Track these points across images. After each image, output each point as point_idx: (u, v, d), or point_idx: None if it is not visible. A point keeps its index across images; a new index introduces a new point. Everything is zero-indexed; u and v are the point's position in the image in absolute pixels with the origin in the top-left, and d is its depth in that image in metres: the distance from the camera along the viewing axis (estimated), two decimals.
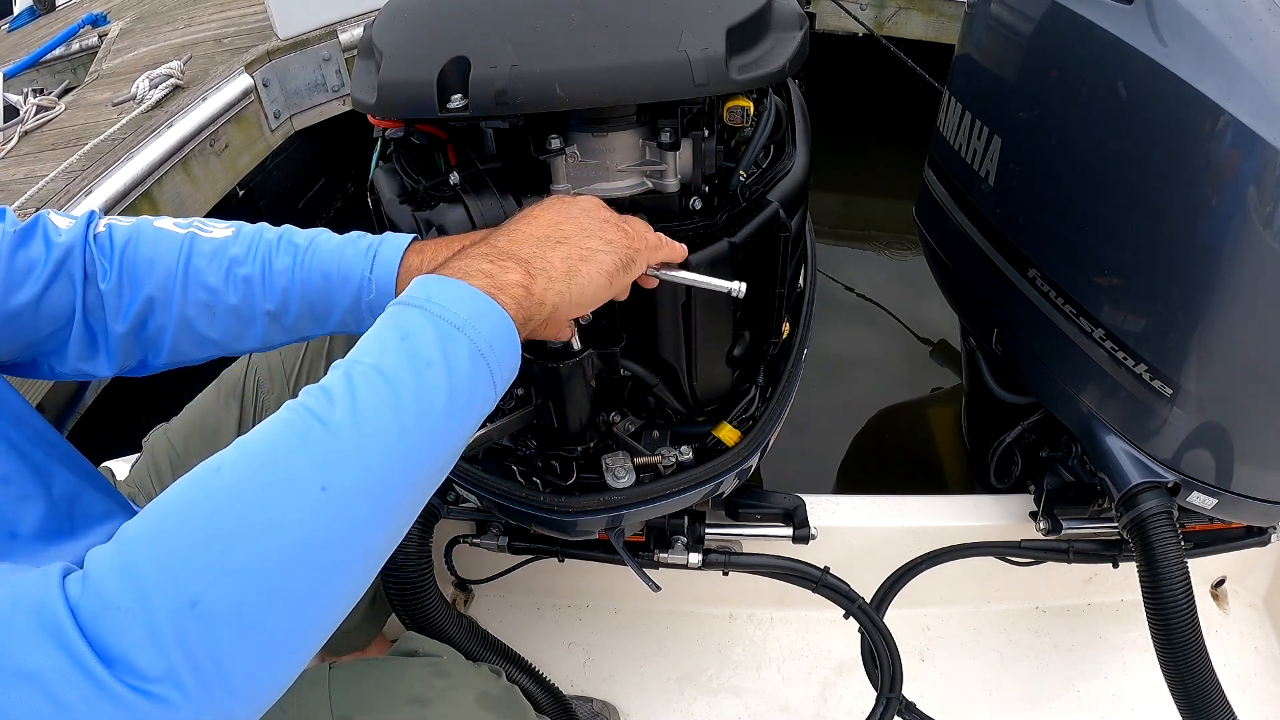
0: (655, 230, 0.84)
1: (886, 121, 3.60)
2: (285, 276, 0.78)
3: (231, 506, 0.48)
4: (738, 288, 0.77)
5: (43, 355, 0.78)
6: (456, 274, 0.60)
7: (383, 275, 0.77)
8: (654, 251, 0.75)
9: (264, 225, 0.82)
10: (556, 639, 1.61)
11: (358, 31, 2.97)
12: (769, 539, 1.33)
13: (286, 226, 0.82)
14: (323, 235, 0.80)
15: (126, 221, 0.80)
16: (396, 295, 0.76)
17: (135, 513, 0.85)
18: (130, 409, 2.78)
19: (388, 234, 0.79)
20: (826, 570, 1.21)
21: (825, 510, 1.41)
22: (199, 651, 0.44)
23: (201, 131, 2.67)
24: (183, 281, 0.78)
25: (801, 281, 1.15)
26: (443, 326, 0.57)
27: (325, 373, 1.19)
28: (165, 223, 0.80)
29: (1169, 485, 1.14)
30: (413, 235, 0.79)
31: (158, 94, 2.78)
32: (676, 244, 0.78)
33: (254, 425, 1.14)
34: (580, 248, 0.67)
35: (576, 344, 0.82)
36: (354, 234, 0.80)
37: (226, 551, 0.46)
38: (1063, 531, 1.33)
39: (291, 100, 3.08)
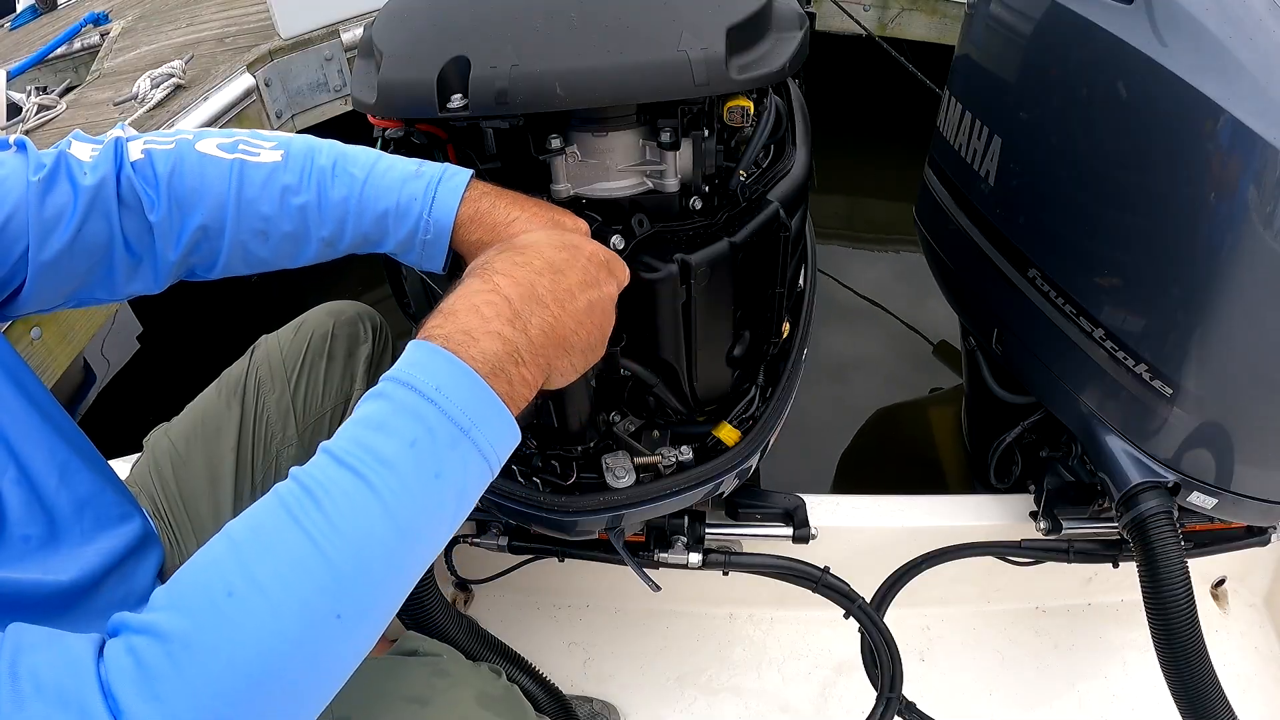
0: (657, 228, 0.85)
1: (887, 122, 3.60)
2: (341, 207, 0.77)
3: (250, 641, 0.49)
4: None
5: (87, 288, 0.78)
6: (483, 368, 0.59)
7: (441, 217, 0.76)
8: None
9: (312, 145, 0.80)
10: (556, 639, 1.61)
11: (360, 31, 2.97)
12: (769, 539, 1.33)
13: (337, 149, 0.80)
14: (379, 165, 0.78)
15: (165, 142, 0.78)
16: (452, 239, 0.76)
17: (147, 517, 0.86)
18: (131, 409, 2.79)
19: (447, 170, 0.77)
20: (826, 570, 1.21)
21: (825, 510, 1.41)
22: None
23: None
24: (236, 211, 0.77)
25: (801, 281, 1.15)
26: (453, 433, 0.56)
27: (325, 375, 1.17)
28: (208, 145, 0.78)
29: (1169, 485, 1.14)
30: (470, 172, 0.77)
31: (159, 93, 2.79)
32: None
33: (254, 426, 1.14)
34: (572, 362, 0.69)
35: None
36: (413, 165, 0.78)
37: (248, 679, 0.49)
38: (1063, 531, 1.33)
39: (293, 100, 3.08)
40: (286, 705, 0.51)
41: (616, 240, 0.83)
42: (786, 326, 1.08)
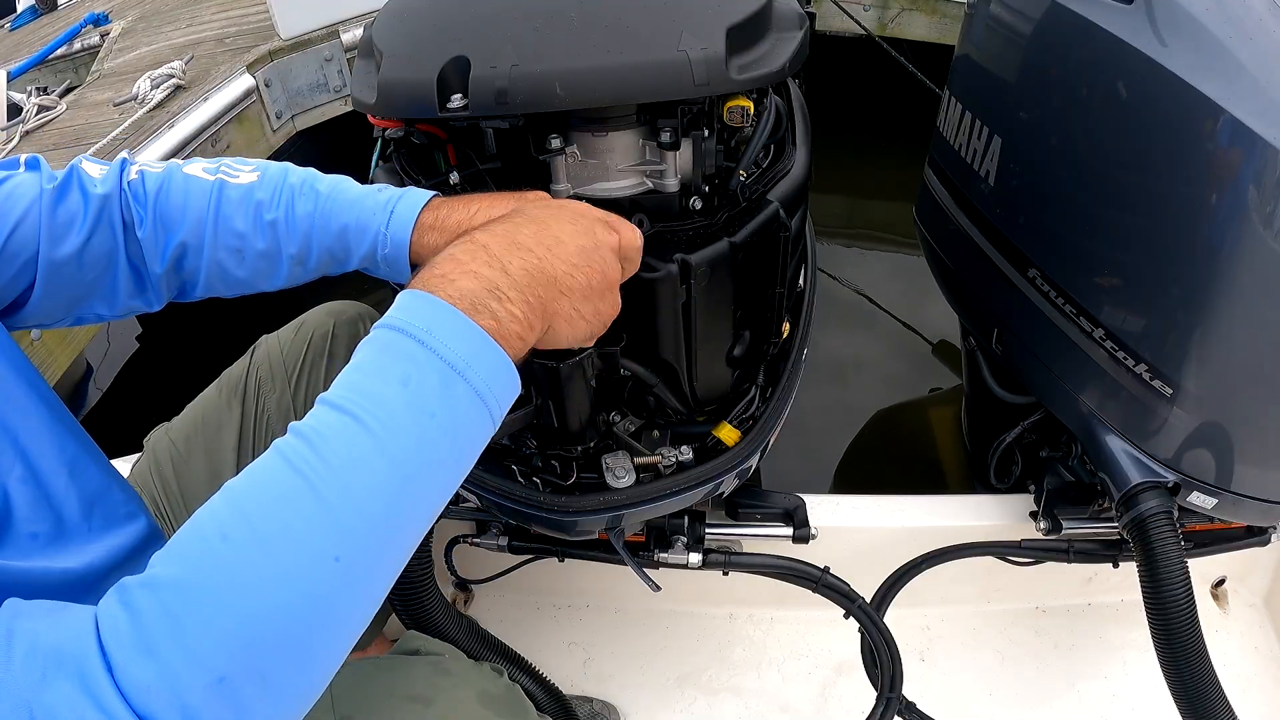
0: (657, 229, 0.85)
1: (887, 122, 3.60)
2: (307, 222, 0.80)
3: (245, 583, 0.48)
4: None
5: (88, 305, 0.81)
6: (462, 304, 0.58)
7: (398, 231, 0.77)
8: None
9: (289, 167, 0.83)
10: (556, 639, 1.61)
11: (359, 31, 2.96)
12: (769, 539, 1.33)
13: (309, 171, 0.83)
14: (344, 183, 0.82)
15: (158, 167, 0.82)
16: (410, 255, 0.77)
17: (150, 516, 0.86)
18: (131, 409, 2.79)
19: (408, 190, 0.80)
20: (826, 570, 1.21)
21: (825, 510, 1.41)
22: (229, 717, 0.47)
23: (203, 132, 2.67)
24: (213, 228, 0.80)
25: (801, 281, 1.15)
26: (444, 371, 0.55)
27: (326, 375, 1.19)
28: (195, 168, 0.82)
29: (1169, 485, 1.14)
30: (433, 193, 0.80)
31: (159, 94, 2.79)
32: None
33: (255, 426, 1.14)
34: (575, 308, 0.67)
35: None
36: (377, 185, 0.82)
37: (245, 626, 0.47)
38: (1063, 531, 1.33)
39: (293, 100, 3.08)
40: (286, 660, 0.49)
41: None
42: (786, 326, 1.08)
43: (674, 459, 0.98)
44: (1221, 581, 1.63)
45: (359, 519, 0.51)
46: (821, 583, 1.21)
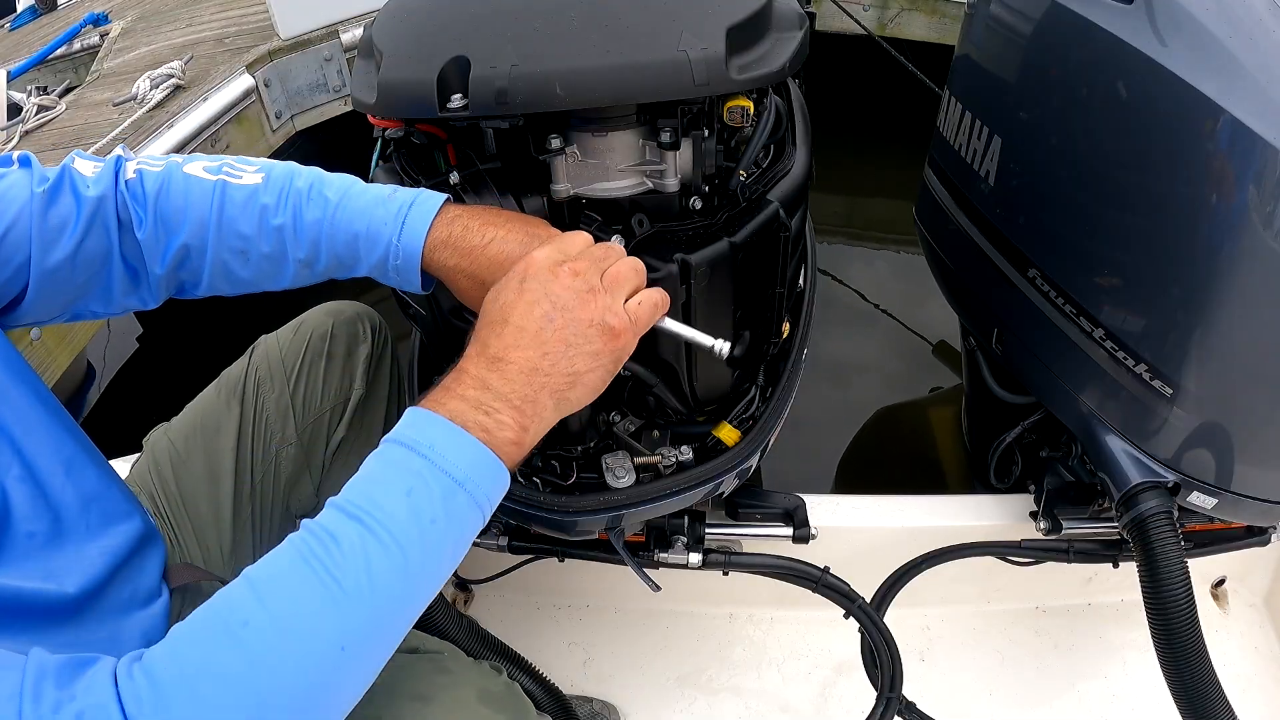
0: (657, 228, 0.85)
1: (887, 122, 3.60)
2: (315, 229, 0.79)
3: (263, 666, 0.54)
4: (720, 347, 0.78)
5: (84, 301, 0.81)
6: (456, 420, 0.64)
7: (410, 242, 0.77)
8: (644, 328, 0.74)
9: (294, 169, 0.82)
10: (556, 639, 1.61)
11: (359, 31, 2.96)
12: (769, 539, 1.33)
13: (317, 172, 0.82)
14: (354, 189, 0.80)
15: (157, 165, 0.80)
16: (422, 264, 0.78)
17: (148, 515, 0.86)
18: (131, 409, 2.79)
19: (419, 196, 0.78)
20: (826, 570, 1.21)
21: (825, 510, 1.41)
22: None
23: (203, 132, 2.67)
24: (216, 230, 0.79)
25: (801, 281, 1.15)
26: (445, 482, 0.61)
27: (325, 375, 1.19)
28: (195, 167, 0.80)
29: (1169, 485, 1.14)
30: (443, 198, 0.78)
31: (159, 94, 2.78)
32: (662, 296, 0.76)
33: (254, 426, 1.14)
34: (567, 374, 0.67)
35: None
36: (387, 190, 0.80)
37: (261, 707, 0.54)
38: (1063, 531, 1.33)
39: (293, 100, 3.08)
40: None
41: (616, 240, 0.83)
42: (786, 326, 1.08)
43: (674, 459, 0.98)
44: (1221, 581, 1.63)
45: (366, 614, 0.58)
46: (821, 583, 1.21)
